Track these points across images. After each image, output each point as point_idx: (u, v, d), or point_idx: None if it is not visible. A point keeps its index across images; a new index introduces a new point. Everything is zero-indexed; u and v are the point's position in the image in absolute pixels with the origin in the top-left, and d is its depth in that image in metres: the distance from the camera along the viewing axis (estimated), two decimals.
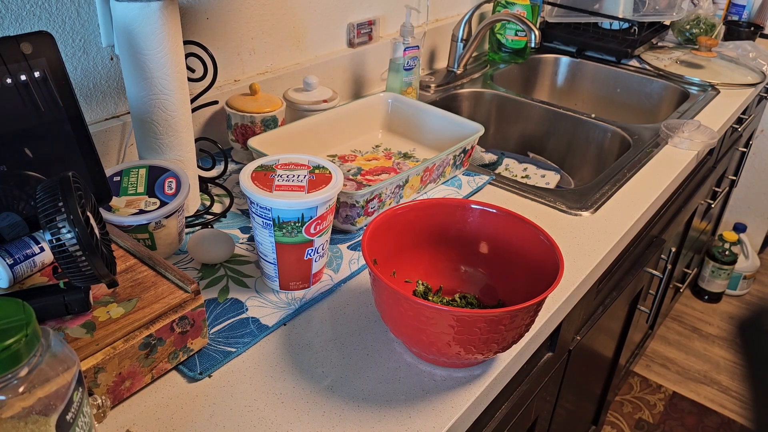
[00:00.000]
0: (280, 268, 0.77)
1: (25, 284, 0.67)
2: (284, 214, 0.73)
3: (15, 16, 0.82)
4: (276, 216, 0.73)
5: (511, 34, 1.65)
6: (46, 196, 0.56)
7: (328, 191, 0.73)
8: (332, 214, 0.77)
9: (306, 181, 0.75)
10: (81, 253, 0.56)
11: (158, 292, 0.66)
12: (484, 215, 0.77)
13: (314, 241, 0.75)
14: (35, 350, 0.43)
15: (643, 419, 1.92)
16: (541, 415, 1.10)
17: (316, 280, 0.80)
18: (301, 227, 0.74)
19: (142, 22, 0.77)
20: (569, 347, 1.10)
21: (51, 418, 0.44)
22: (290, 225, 0.73)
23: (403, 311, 0.64)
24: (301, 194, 0.72)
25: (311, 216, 0.73)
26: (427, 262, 0.79)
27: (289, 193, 0.72)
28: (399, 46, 1.27)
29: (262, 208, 0.73)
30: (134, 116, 0.84)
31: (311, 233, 0.74)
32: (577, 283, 0.86)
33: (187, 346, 0.67)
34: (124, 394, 0.63)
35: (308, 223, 0.73)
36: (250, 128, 1.04)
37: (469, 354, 0.64)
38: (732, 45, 1.85)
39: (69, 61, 0.90)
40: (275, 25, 1.18)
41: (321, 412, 0.64)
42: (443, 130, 1.12)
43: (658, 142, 1.29)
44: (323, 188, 0.74)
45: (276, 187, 0.73)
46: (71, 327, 0.61)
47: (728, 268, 2.34)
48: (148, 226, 0.78)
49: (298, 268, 0.77)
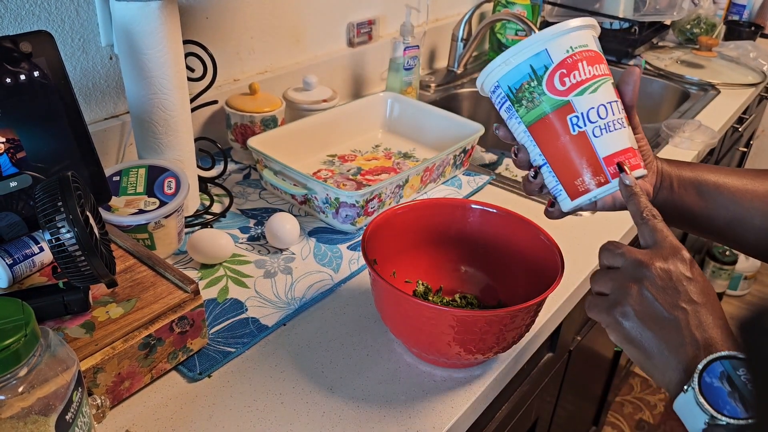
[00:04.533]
0: (552, 166, 0.58)
1: (24, 284, 0.67)
2: (510, 78, 0.57)
3: (14, 16, 0.82)
4: (505, 86, 0.57)
5: (512, 33, 1.65)
6: (46, 196, 0.56)
7: (555, 29, 0.55)
8: (586, 62, 0.55)
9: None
10: (80, 253, 0.56)
11: (157, 292, 0.66)
12: (484, 215, 0.77)
13: (571, 101, 0.55)
14: (34, 350, 0.43)
15: (643, 420, 1.92)
16: (541, 416, 1.10)
17: (616, 169, 0.56)
18: (539, 86, 0.56)
19: (142, 22, 0.77)
20: (570, 348, 1.09)
21: (50, 418, 0.44)
22: (524, 89, 0.56)
23: (403, 311, 0.64)
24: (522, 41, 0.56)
25: (544, 65, 0.55)
26: (427, 262, 0.79)
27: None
28: (399, 45, 1.27)
29: (491, 90, 0.58)
30: (133, 116, 0.84)
31: (559, 90, 0.55)
32: (578, 283, 0.85)
33: (186, 346, 0.67)
34: (123, 395, 0.62)
35: (545, 76, 0.55)
36: (250, 128, 1.04)
37: (469, 354, 0.64)
38: (732, 45, 1.85)
39: (68, 60, 0.90)
40: (275, 24, 1.17)
41: (321, 412, 0.64)
42: (443, 130, 1.12)
43: (658, 142, 1.29)
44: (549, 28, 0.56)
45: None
46: (70, 327, 0.61)
47: (729, 269, 2.34)
48: (147, 226, 0.77)
49: (572, 153, 0.56)
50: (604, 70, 0.57)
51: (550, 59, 0.55)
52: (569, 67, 0.55)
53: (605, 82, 0.57)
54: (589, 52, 0.56)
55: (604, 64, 0.57)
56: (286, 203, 0.98)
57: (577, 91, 0.55)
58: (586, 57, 0.56)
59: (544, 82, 0.56)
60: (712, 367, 0.45)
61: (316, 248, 0.88)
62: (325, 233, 0.91)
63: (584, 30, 0.57)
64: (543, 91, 0.56)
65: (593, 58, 0.56)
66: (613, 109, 0.57)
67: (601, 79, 0.56)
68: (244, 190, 1.01)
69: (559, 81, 0.55)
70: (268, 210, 0.96)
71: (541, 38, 0.55)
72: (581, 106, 0.55)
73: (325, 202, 0.89)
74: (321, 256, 0.86)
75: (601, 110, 0.56)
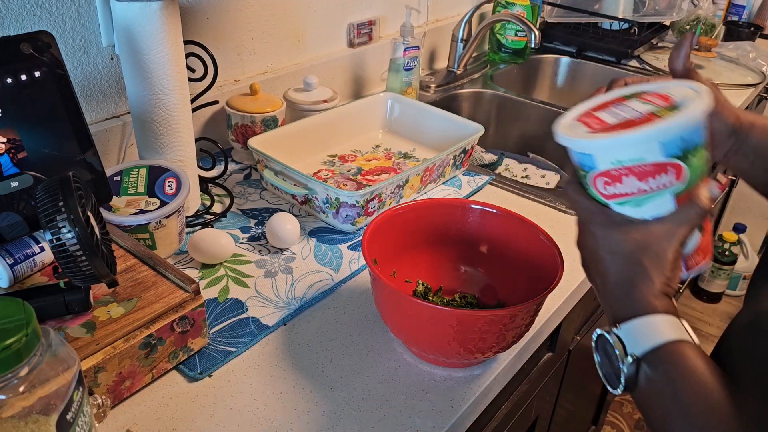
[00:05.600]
0: None
1: (25, 284, 0.67)
2: (570, 151, 0.54)
3: (15, 16, 0.82)
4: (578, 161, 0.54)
5: (511, 34, 1.65)
6: (47, 196, 0.56)
7: (609, 138, 0.50)
8: (635, 177, 0.50)
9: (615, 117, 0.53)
10: (81, 253, 0.56)
11: (158, 291, 0.66)
12: (484, 215, 0.77)
13: (611, 206, 0.52)
14: (35, 350, 0.43)
15: (643, 419, 1.92)
16: (541, 415, 1.10)
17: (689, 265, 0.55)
18: (585, 177, 0.53)
19: (143, 22, 0.77)
20: (569, 347, 1.10)
21: (51, 417, 0.44)
22: (579, 169, 0.54)
23: (403, 311, 0.64)
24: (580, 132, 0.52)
25: (590, 166, 0.52)
26: (427, 262, 0.79)
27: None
28: (399, 46, 1.27)
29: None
30: (134, 116, 0.84)
31: (602, 192, 0.52)
32: (577, 283, 0.85)
33: (187, 346, 0.67)
34: (124, 394, 0.63)
35: (590, 174, 0.52)
36: (251, 128, 1.04)
37: (469, 354, 0.65)
38: (732, 45, 1.85)
39: (69, 60, 0.90)
40: (275, 25, 1.17)
41: (321, 412, 0.64)
42: (443, 130, 1.12)
43: None
44: (623, 130, 0.49)
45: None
46: (71, 327, 0.61)
47: (728, 269, 2.34)
48: (148, 225, 0.78)
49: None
50: (664, 181, 0.50)
51: (595, 165, 0.51)
52: (613, 177, 0.51)
53: (659, 196, 0.50)
54: (644, 166, 0.49)
55: (666, 174, 0.50)
56: (286, 203, 0.98)
57: (618, 201, 0.52)
58: (637, 172, 0.50)
59: (589, 178, 0.52)
60: (598, 343, 0.52)
61: (316, 248, 0.88)
62: (325, 233, 0.91)
63: (645, 143, 0.49)
64: (588, 183, 0.53)
65: (648, 171, 0.50)
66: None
67: (651, 194, 0.50)
68: (244, 190, 1.01)
69: (602, 185, 0.52)
70: (269, 210, 0.96)
71: (591, 144, 0.51)
72: (624, 213, 0.52)
73: (326, 202, 0.89)
74: (321, 256, 0.86)
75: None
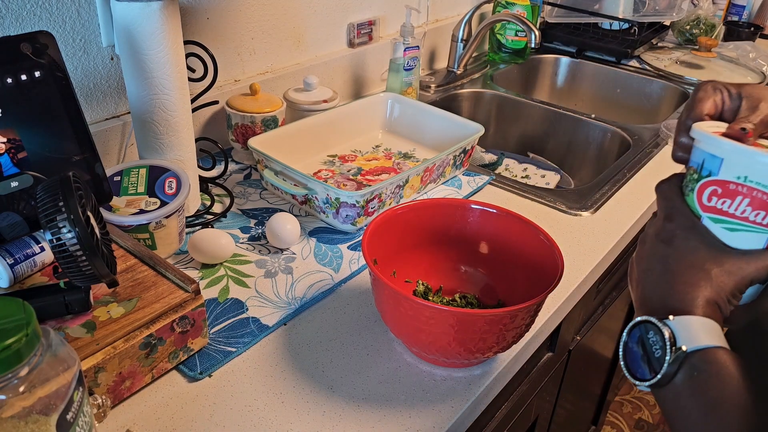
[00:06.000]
0: None
1: (25, 284, 0.67)
2: (703, 158, 0.51)
3: (15, 16, 0.82)
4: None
5: (511, 34, 1.65)
6: (47, 196, 0.56)
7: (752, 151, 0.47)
8: (749, 201, 0.47)
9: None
10: (81, 253, 0.56)
11: (158, 291, 0.66)
12: (484, 215, 0.77)
13: (702, 219, 0.50)
14: (35, 350, 0.43)
15: (642, 419, 1.92)
16: (541, 415, 1.11)
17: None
18: (694, 183, 0.51)
19: (143, 22, 0.77)
20: (569, 347, 1.10)
21: (51, 417, 0.44)
22: (689, 173, 0.52)
23: (403, 311, 0.64)
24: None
25: (710, 171, 0.49)
26: (427, 262, 0.79)
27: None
28: (399, 46, 1.27)
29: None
30: (134, 116, 0.84)
31: (702, 203, 0.50)
32: (577, 283, 0.86)
33: (187, 346, 0.67)
34: (124, 394, 0.63)
35: (702, 181, 0.50)
36: (251, 128, 1.04)
37: (469, 354, 0.65)
38: (732, 45, 1.85)
39: (69, 60, 0.90)
40: (275, 25, 1.18)
41: (321, 412, 0.64)
42: (443, 130, 1.12)
43: (658, 143, 1.29)
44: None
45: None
46: (71, 327, 0.61)
47: None
48: (148, 225, 0.78)
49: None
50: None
51: (717, 171, 0.48)
52: (726, 191, 0.48)
53: (756, 232, 0.47)
54: (766, 195, 0.46)
55: None
56: (286, 203, 0.98)
57: (715, 217, 0.49)
58: (755, 198, 0.46)
59: (697, 185, 0.50)
60: (633, 332, 0.49)
61: (316, 248, 0.88)
62: (325, 233, 0.91)
63: None
64: (693, 188, 0.50)
65: (765, 203, 0.46)
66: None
67: (751, 227, 0.47)
68: (244, 190, 1.01)
69: (708, 195, 0.49)
70: (269, 210, 0.96)
71: (730, 147, 0.47)
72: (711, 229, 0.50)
73: (326, 203, 0.89)
74: (321, 256, 0.86)
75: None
